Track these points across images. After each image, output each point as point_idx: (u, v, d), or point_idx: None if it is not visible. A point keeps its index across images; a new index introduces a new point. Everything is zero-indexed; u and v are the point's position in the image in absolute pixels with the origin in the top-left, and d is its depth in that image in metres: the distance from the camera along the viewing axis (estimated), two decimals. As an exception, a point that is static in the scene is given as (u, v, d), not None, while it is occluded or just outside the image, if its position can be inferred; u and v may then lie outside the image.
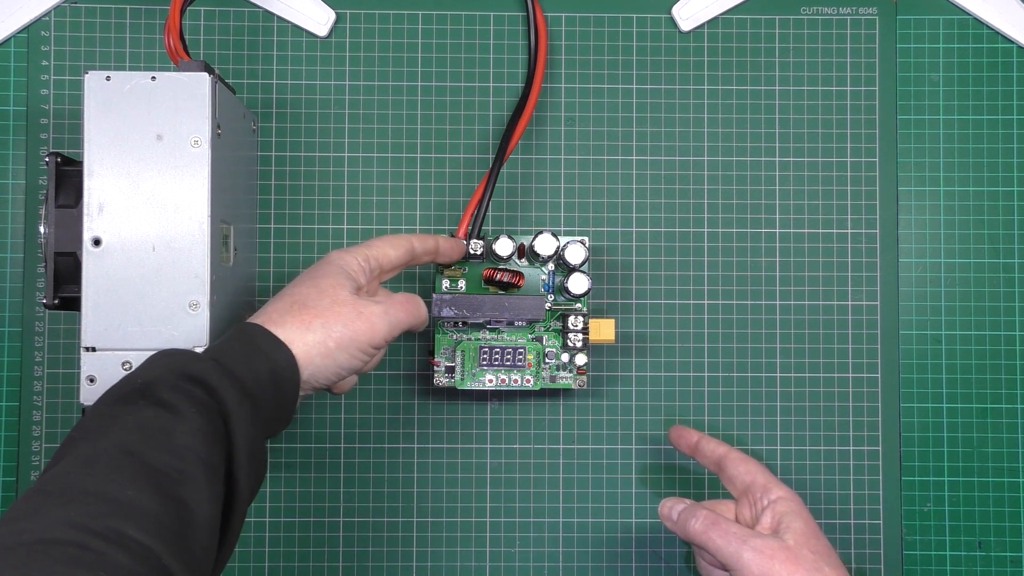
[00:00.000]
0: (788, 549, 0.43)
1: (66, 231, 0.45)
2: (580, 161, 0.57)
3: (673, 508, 0.47)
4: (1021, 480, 0.56)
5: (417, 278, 0.56)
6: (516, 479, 0.55)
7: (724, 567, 0.44)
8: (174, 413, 0.36)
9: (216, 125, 0.45)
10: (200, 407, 0.37)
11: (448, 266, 0.51)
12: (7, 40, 0.56)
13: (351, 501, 0.55)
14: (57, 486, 0.33)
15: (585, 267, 0.52)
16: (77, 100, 0.55)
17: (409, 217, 0.56)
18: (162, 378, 0.38)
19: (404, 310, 0.44)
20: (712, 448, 0.49)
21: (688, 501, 0.47)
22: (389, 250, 0.46)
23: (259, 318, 0.42)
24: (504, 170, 0.56)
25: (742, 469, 0.47)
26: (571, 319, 0.51)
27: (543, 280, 0.53)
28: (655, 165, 0.57)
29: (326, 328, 0.41)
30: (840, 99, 0.57)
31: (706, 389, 0.56)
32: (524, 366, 0.52)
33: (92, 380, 0.43)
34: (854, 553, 0.55)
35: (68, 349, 0.55)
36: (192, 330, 0.44)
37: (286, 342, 0.40)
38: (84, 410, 0.44)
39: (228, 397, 0.38)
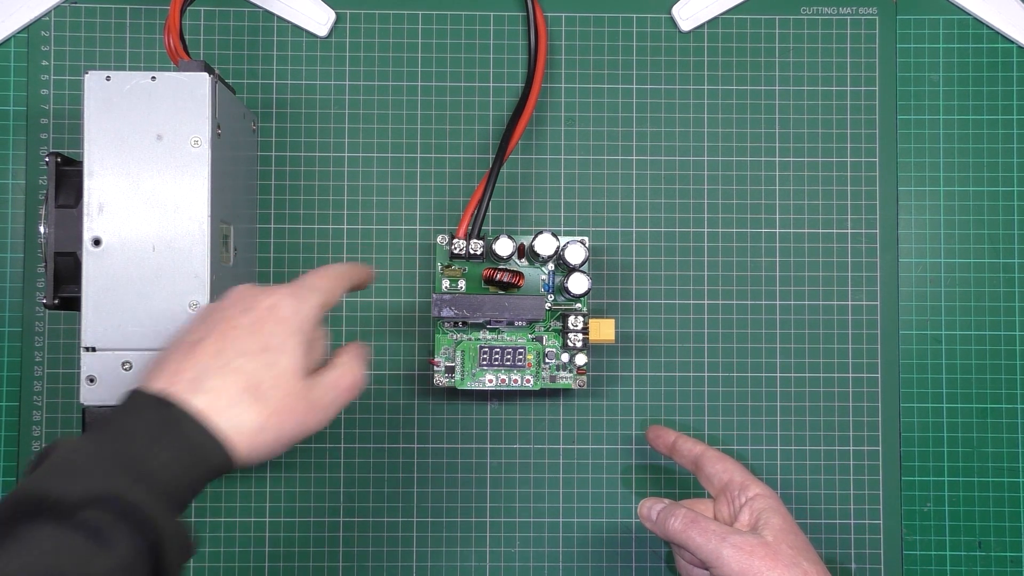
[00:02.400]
0: (767, 545, 0.43)
1: (66, 231, 0.45)
2: (580, 161, 0.57)
3: (652, 508, 0.47)
4: (1021, 480, 0.56)
5: (417, 278, 0.56)
6: (516, 479, 0.55)
7: (704, 565, 0.45)
8: (97, 542, 0.30)
9: (216, 125, 0.45)
10: (127, 533, 0.30)
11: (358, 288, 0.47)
12: (7, 40, 0.56)
13: (351, 501, 0.55)
14: None
15: (585, 267, 0.52)
16: (77, 100, 0.55)
17: (409, 217, 0.56)
18: (78, 493, 0.30)
19: (351, 391, 0.39)
20: (689, 447, 0.50)
21: (667, 501, 0.47)
22: (338, 292, 0.41)
23: (200, 397, 0.34)
24: (504, 170, 0.56)
25: (719, 467, 0.48)
26: (571, 319, 0.51)
27: (543, 280, 0.53)
28: (655, 165, 0.57)
29: (279, 428, 0.35)
30: (840, 99, 0.57)
31: (706, 389, 0.56)
32: (524, 366, 0.52)
33: (92, 380, 0.43)
34: (854, 553, 0.55)
35: (68, 349, 0.55)
36: (192, 330, 0.44)
37: (231, 442, 0.34)
38: (84, 411, 0.44)
39: (163, 524, 0.31)
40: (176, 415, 0.33)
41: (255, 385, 0.35)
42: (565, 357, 0.52)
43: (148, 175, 0.44)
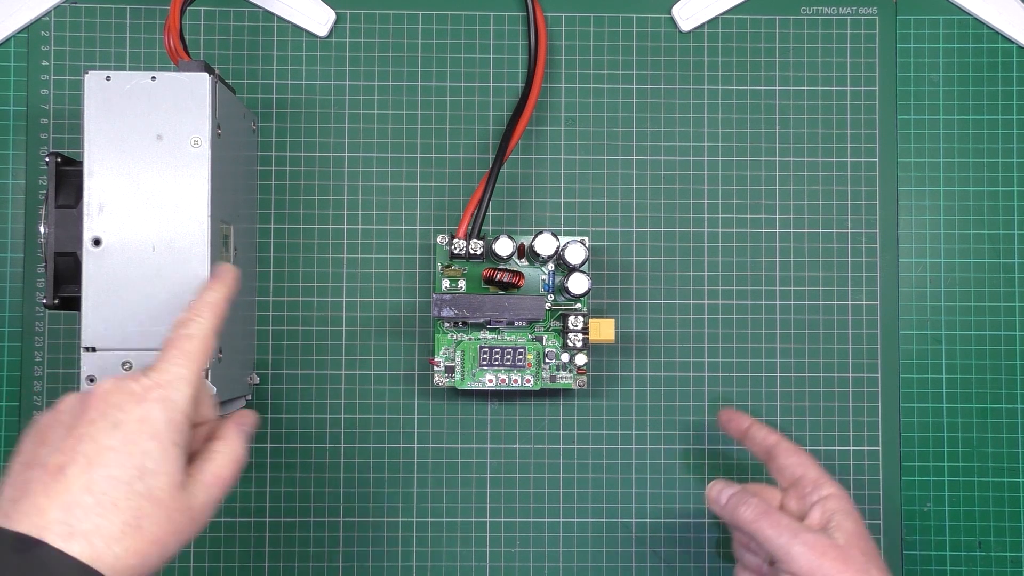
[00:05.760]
0: (839, 548, 0.42)
1: (66, 231, 0.45)
2: (580, 161, 0.57)
3: (723, 492, 0.46)
4: (1021, 480, 0.56)
5: (417, 278, 0.56)
6: (516, 479, 0.55)
7: (768, 558, 0.44)
8: None
9: (216, 125, 0.45)
10: None
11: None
12: (7, 40, 0.56)
13: (351, 501, 0.55)
14: None
15: (585, 267, 0.52)
16: (77, 100, 0.55)
17: (409, 217, 0.56)
18: None
19: (234, 477, 0.37)
20: (763, 436, 0.49)
21: (737, 486, 0.46)
22: (211, 346, 0.38)
23: (76, 544, 0.30)
24: (504, 170, 0.56)
25: (793, 460, 0.47)
26: (571, 319, 0.51)
27: (543, 280, 0.53)
28: (655, 165, 0.57)
29: (162, 552, 0.33)
30: (840, 99, 0.57)
31: (706, 389, 0.56)
32: (524, 366, 0.52)
33: (92, 380, 0.43)
34: (854, 553, 0.55)
35: (68, 349, 0.55)
36: (192, 330, 0.44)
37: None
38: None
39: None
40: (45, 560, 0.29)
41: (136, 518, 0.32)
42: (565, 357, 0.52)
43: (148, 175, 0.44)
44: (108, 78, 0.44)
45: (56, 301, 0.46)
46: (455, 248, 0.51)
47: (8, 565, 0.29)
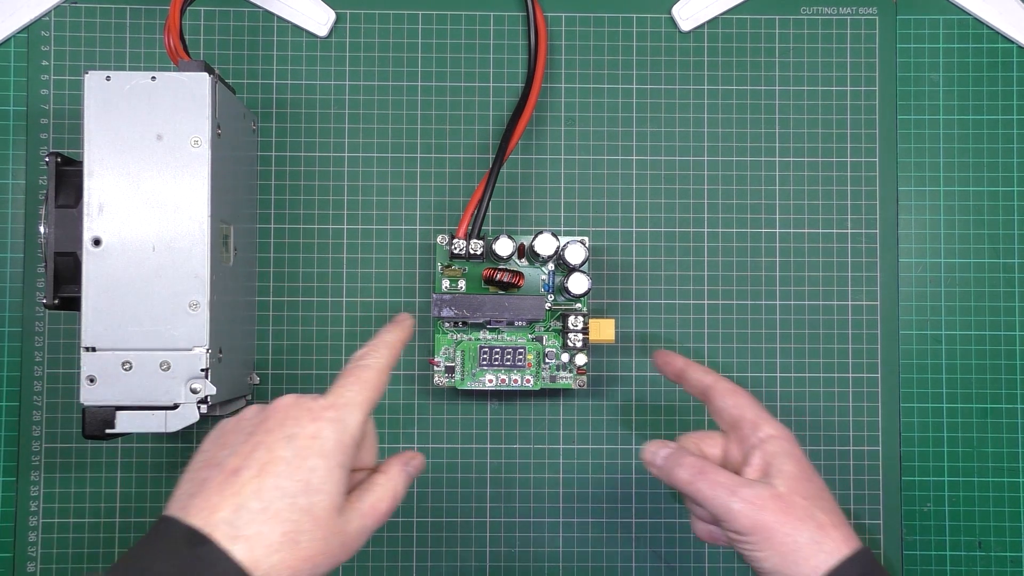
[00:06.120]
0: (779, 497, 0.40)
1: (66, 231, 0.45)
2: (580, 161, 0.57)
3: (657, 453, 0.44)
4: (1021, 480, 0.56)
5: (417, 278, 0.56)
6: (516, 479, 0.55)
7: (714, 520, 0.42)
8: None
9: (216, 125, 0.45)
10: None
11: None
12: (7, 40, 0.56)
13: (351, 501, 0.55)
14: None
15: (585, 267, 0.52)
16: (77, 100, 0.55)
17: (409, 217, 0.56)
18: None
19: (387, 514, 0.38)
20: (699, 377, 0.46)
21: (673, 445, 0.44)
22: (383, 384, 0.40)
23: (238, 545, 0.32)
24: (504, 170, 0.56)
25: (730, 402, 0.44)
26: (571, 319, 0.51)
27: (543, 280, 0.53)
28: (655, 165, 0.57)
29: (312, 571, 0.34)
30: (840, 99, 0.57)
31: (706, 389, 0.56)
32: (524, 366, 0.52)
33: (92, 380, 0.43)
34: (854, 553, 0.55)
35: (68, 349, 0.55)
36: (192, 330, 0.44)
37: None
38: (84, 411, 0.44)
39: None
40: (211, 560, 0.32)
41: (295, 531, 0.33)
42: (565, 357, 0.52)
43: (148, 175, 0.44)
44: (108, 78, 0.44)
45: (56, 301, 0.46)
46: (455, 248, 0.51)
47: (180, 556, 0.31)
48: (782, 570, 0.40)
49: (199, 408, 0.44)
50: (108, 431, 0.44)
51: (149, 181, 0.44)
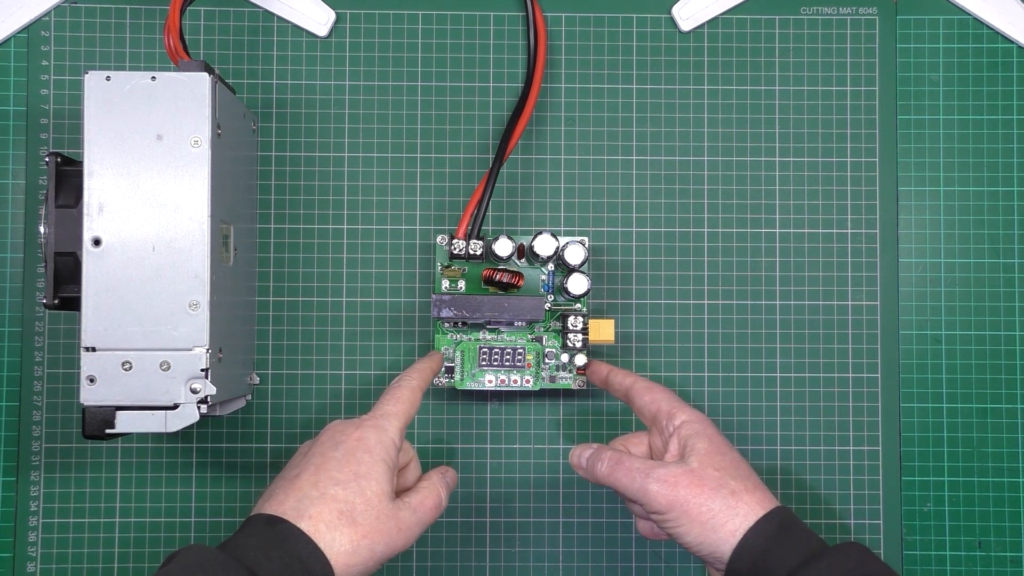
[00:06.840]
0: (691, 472, 0.42)
1: (66, 231, 0.45)
2: (580, 161, 0.57)
3: (581, 455, 0.46)
4: (1021, 480, 0.56)
5: (417, 278, 0.56)
6: (516, 479, 0.55)
7: (647, 515, 0.44)
8: None
9: (216, 125, 0.45)
10: None
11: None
12: (7, 40, 0.56)
13: (351, 501, 0.55)
14: None
15: (585, 267, 0.52)
16: (77, 100, 0.55)
17: (409, 217, 0.56)
18: None
19: (435, 512, 0.44)
20: (620, 380, 0.49)
21: (595, 446, 0.46)
22: (415, 406, 0.46)
23: (303, 522, 0.39)
24: (504, 170, 0.56)
25: (647, 399, 0.47)
26: (571, 319, 0.51)
27: (543, 280, 0.53)
28: (655, 165, 0.57)
29: (371, 549, 0.40)
30: (840, 99, 0.57)
31: (706, 389, 0.56)
32: (524, 366, 0.52)
33: (92, 380, 0.43)
34: (854, 553, 0.55)
35: (68, 349, 0.55)
36: (192, 330, 0.44)
37: (331, 562, 0.39)
38: (84, 411, 0.44)
39: None
40: (285, 532, 0.39)
41: (349, 510, 0.40)
42: (565, 357, 0.52)
43: (148, 175, 0.44)
44: (108, 78, 0.44)
45: (56, 301, 0.46)
46: (455, 248, 0.51)
47: (263, 532, 0.39)
48: (703, 540, 0.41)
49: (199, 408, 0.44)
50: (108, 431, 0.44)
51: (149, 181, 0.44)
